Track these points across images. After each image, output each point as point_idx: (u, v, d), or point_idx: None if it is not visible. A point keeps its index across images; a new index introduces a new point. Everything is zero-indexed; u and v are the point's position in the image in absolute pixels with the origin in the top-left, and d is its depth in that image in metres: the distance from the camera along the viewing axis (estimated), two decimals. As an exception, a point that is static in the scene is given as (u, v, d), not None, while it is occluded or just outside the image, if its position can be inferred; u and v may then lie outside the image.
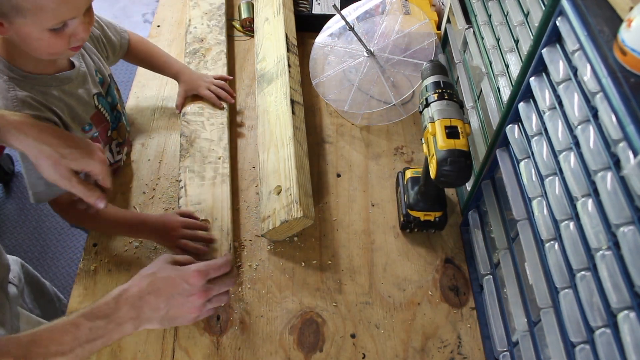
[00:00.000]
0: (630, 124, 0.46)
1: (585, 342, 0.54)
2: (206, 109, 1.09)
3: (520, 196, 0.72)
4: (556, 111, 0.63)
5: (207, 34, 1.24)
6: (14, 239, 1.84)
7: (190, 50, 1.20)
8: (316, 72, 1.17)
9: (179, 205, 0.94)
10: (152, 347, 0.81)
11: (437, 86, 0.82)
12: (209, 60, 1.18)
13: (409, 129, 1.13)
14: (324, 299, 0.88)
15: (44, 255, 1.81)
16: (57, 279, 1.77)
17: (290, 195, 0.90)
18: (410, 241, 0.95)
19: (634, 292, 0.47)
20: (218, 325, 0.84)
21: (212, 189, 0.96)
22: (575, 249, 0.56)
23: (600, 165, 0.52)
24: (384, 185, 1.03)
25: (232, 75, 1.20)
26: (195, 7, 1.30)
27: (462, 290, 0.90)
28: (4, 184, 1.98)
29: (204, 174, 0.98)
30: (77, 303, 0.85)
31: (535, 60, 0.66)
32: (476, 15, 0.93)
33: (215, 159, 1.00)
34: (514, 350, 0.74)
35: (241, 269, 0.90)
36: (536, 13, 0.71)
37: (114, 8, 2.71)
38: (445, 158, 0.74)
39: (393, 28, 1.12)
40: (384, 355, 0.82)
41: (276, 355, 0.81)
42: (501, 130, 0.77)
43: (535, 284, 0.65)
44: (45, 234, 1.85)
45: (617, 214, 0.49)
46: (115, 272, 0.88)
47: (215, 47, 1.21)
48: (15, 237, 1.85)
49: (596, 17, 0.55)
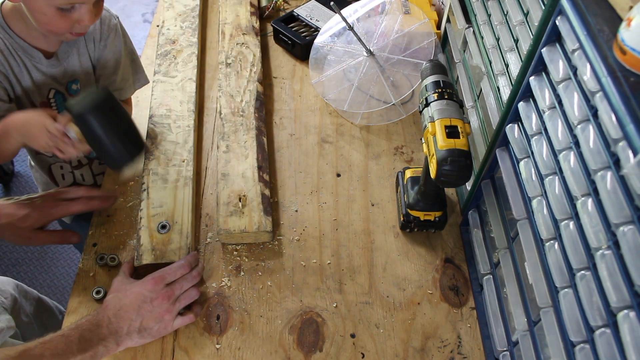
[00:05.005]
0: (630, 123, 0.46)
1: (585, 341, 0.54)
2: (174, 112, 1.07)
3: (520, 196, 0.72)
4: (556, 110, 0.63)
5: (180, 35, 1.23)
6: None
7: (161, 52, 1.19)
8: (316, 72, 1.17)
9: (140, 207, 0.92)
10: (152, 347, 0.81)
11: (437, 86, 0.82)
12: (180, 62, 1.17)
13: (409, 128, 1.13)
14: (324, 299, 0.88)
15: (43, 255, 1.81)
16: (57, 279, 1.77)
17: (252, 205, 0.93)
18: (410, 241, 0.95)
19: (634, 291, 0.47)
20: (218, 325, 0.84)
21: (175, 192, 0.94)
22: (575, 249, 0.56)
23: (600, 164, 0.52)
24: (384, 185, 1.03)
25: (203, 76, 1.20)
26: (170, 9, 1.29)
27: (462, 290, 0.89)
28: (3, 184, 1.98)
29: (167, 176, 0.97)
30: (77, 303, 0.85)
31: (535, 60, 0.66)
32: (476, 14, 0.93)
33: (179, 162, 0.99)
34: (514, 350, 0.74)
35: (241, 268, 0.90)
36: (536, 12, 0.71)
37: (114, 8, 2.70)
38: (446, 158, 0.74)
39: (393, 27, 1.12)
40: (383, 355, 0.82)
41: (276, 355, 0.81)
42: (501, 129, 0.77)
43: (535, 283, 0.65)
44: (45, 234, 1.85)
45: (616, 213, 0.49)
46: (115, 272, 0.88)
47: (187, 49, 1.20)
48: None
49: (596, 17, 0.55)
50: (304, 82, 1.22)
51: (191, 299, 0.81)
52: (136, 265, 0.85)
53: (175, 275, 0.81)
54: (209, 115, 1.14)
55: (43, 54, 0.88)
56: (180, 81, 1.13)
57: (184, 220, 0.91)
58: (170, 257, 0.86)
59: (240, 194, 0.95)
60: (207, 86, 1.21)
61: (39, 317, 1.08)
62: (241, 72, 1.17)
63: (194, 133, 1.05)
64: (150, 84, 1.12)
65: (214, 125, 1.12)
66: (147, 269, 0.83)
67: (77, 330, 0.71)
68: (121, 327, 0.73)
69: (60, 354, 0.68)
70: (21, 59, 0.87)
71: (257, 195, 0.95)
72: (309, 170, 1.05)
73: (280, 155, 1.07)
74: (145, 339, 0.77)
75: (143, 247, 0.87)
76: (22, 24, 0.84)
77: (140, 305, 0.75)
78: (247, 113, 1.08)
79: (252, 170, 0.98)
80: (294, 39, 1.24)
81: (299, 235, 0.95)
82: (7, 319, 0.90)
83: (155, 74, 1.14)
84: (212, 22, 1.36)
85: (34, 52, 0.87)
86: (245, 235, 0.91)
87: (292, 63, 1.27)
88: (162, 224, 0.89)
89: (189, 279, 0.82)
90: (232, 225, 0.91)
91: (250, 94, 1.12)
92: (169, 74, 1.14)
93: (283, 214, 0.98)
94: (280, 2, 1.37)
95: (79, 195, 0.88)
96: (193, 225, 0.93)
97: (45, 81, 0.91)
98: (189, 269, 0.83)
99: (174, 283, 0.80)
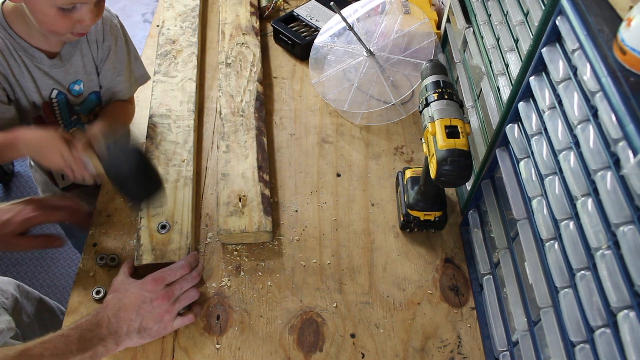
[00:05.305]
0: (630, 123, 0.46)
1: (585, 341, 0.54)
2: (174, 112, 1.07)
3: (520, 196, 0.72)
4: (556, 110, 0.63)
5: (180, 35, 1.23)
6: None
7: (161, 52, 1.19)
8: (316, 72, 1.17)
9: (140, 207, 0.92)
10: (152, 347, 0.81)
11: (437, 86, 0.82)
12: (180, 62, 1.17)
13: (409, 128, 1.13)
14: (324, 299, 0.88)
15: (44, 255, 1.81)
16: (57, 279, 1.77)
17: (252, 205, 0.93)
18: (410, 241, 0.95)
19: (634, 291, 0.47)
20: (218, 325, 0.84)
21: (175, 192, 0.95)
22: (575, 249, 0.56)
23: (600, 164, 0.52)
24: (384, 185, 1.03)
25: (203, 76, 1.20)
26: (170, 9, 1.29)
27: (462, 290, 0.89)
28: (3, 184, 1.98)
29: (167, 176, 0.96)
30: (77, 303, 0.85)
31: (535, 60, 0.66)
32: (476, 14, 0.93)
33: (179, 162, 0.99)
34: (513, 350, 0.74)
35: (241, 268, 0.90)
36: (536, 12, 0.71)
37: (114, 8, 2.70)
38: (446, 157, 0.74)
39: (393, 27, 1.12)
40: (383, 355, 0.82)
41: (276, 355, 0.81)
42: (501, 129, 0.77)
43: (535, 283, 0.65)
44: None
45: (616, 213, 0.49)
46: (115, 272, 0.88)
47: (187, 49, 1.20)
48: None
49: (596, 17, 0.55)
50: (304, 82, 1.22)
51: (191, 299, 0.81)
52: (136, 265, 0.85)
53: (175, 275, 0.81)
54: (209, 115, 1.14)
55: (45, 55, 0.89)
56: (180, 81, 1.13)
57: (184, 220, 0.91)
58: (170, 257, 0.86)
59: (240, 194, 0.95)
60: (207, 86, 1.21)
61: (40, 317, 1.08)
62: (241, 72, 1.17)
63: (194, 133, 1.05)
64: (150, 84, 1.12)
65: (214, 125, 1.12)
66: (147, 269, 0.83)
67: (77, 330, 0.71)
68: (121, 327, 0.74)
69: (60, 354, 0.68)
70: (22, 59, 0.87)
71: (257, 195, 0.95)
72: (309, 170, 1.05)
73: (280, 155, 1.07)
74: (145, 339, 0.77)
75: (143, 247, 0.87)
76: (23, 25, 0.84)
77: (140, 305, 0.75)
78: (247, 113, 1.08)
79: (252, 170, 0.98)
80: (294, 39, 1.24)
81: (299, 235, 0.95)
82: (8, 320, 0.90)
83: (155, 74, 1.14)
84: (212, 22, 1.36)
85: (35, 53, 0.87)
86: (245, 235, 0.91)
87: (292, 63, 1.27)
88: (162, 224, 0.89)
89: (189, 279, 0.82)
90: (232, 225, 0.91)
91: (250, 94, 1.12)
92: (169, 74, 1.14)
93: (283, 214, 0.98)
94: (280, 2, 1.37)
95: (63, 205, 0.87)
96: (193, 225, 0.93)
97: (47, 81, 0.91)
98: (189, 270, 0.83)
99: (173, 283, 0.80)
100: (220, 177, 0.98)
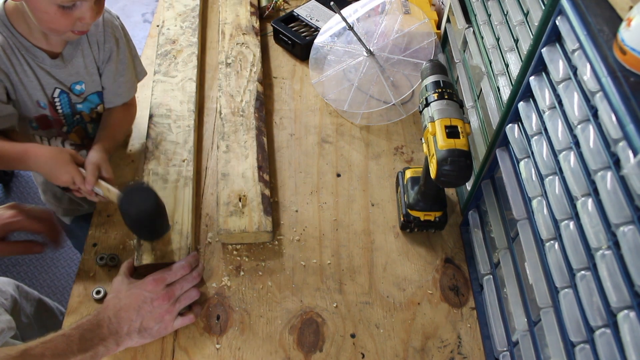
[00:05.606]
0: (630, 123, 0.46)
1: (585, 341, 0.54)
2: (174, 112, 1.07)
3: (520, 196, 0.72)
4: (556, 110, 0.63)
5: (180, 35, 1.23)
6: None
7: (161, 52, 1.19)
8: (316, 72, 1.17)
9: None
10: (152, 347, 0.81)
11: (437, 86, 0.82)
12: (180, 62, 1.17)
13: (409, 128, 1.13)
14: (324, 299, 0.88)
15: (44, 255, 1.81)
16: (57, 279, 1.77)
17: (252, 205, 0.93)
18: (410, 241, 0.95)
19: (634, 291, 0.47)
20: (218, 325, 0.84)
21: (175, 192, 0.95)
22: (575, 249, 0.56)
23: (600, 164, 0.52)
24: (384, 185, 1.03)
25: (203, 76, 1.20)
26: (170, 9, 1.29)
27: (462, 290, 0.89)
28: (3, 184, 1.98)
29: (167, 176, 0.97)
30: (77, 303, 0.85)
31: (535, 60, 0.66)
32: (476, 14, 0.93)
33: (179, 162, 0.99)
34: (514, 350, 0.74)
35: (241, 268, 0.90)
36: (536, 12, 0.71)
37: (114, 8, 2.70)
38: (446, 158, 0.74)
39: (393, 27, 1.12)
40: (383, 355, 0.82)
41: (276, 355, 0.81)
42: (501, 129, 0.77)
43: (535, 283, 0.65)
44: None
45: (617, 213, 0.49)
46: (115, 272, 0.88)
47: (187, 49, 1.20)
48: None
49: (596, 17, 0.55)
50: (304, 82, 1.22)
51: (191, 299, 0.82)
52: (136, 265, 0.85)
53: (175, 275, 0.81)
54: (209, 115, 1.14)
55: (47, 55, 0.89)
56: (180, 81, 1.13)
57: (184, 220, 0.91)
58: (170, 257, 0.86)
59: (240, 194, 0.95)
60: (207, 86, 1.21)
61: (39, 318, 1.08)
62: (241, 72, 1.17)
63: (194, 133, 1.05)
64: (150, 84, 1.12)
65: (214, 125, 1.12)
66: (147, 269, 0.83)
67: (78, 330, 0.71)
68: (121, 327, 0.74)
69: (61, 353, 0.68)
70: (24, 58, 0.87)
71: (257, 195, 0.95)
72: (309, 170, 1.05)
73: (280, 155, 1.07)
74: (145, 339, 0.77)
75: (143, 247, 0.87)
76: (24, 24, 0.84)
77: (140, 305, 0.75)
78: (247, 113, 1.08)
79: (252, 170, 0.98)
80: (294, 39, 1.24)
81: (299, 235, 0.95)
82: (8, 319, 0.90)
83: (155, 74, 1.14)
84: (212, 22, 1.36)
85: (37, 52, 0.87)
86: (245, 235, 0.91)
87: (292, 63, 1.27)
88: None
89: (189, 279, 0.82)
90: (232, 225, 0.91)
91: (250, 94, 1.12)
92: (169, 74, 1.14)
93: (283, 214, 0.98)
94: (280, 2, 1.37)
95: (43, 218, 0.86)
96: (193, 225, 0.93)
97: (50, 80, 0.91)
98: (189, 270, 0.83)
99: (174, 284, 0.80)
100: (220, 177, 0.98)
